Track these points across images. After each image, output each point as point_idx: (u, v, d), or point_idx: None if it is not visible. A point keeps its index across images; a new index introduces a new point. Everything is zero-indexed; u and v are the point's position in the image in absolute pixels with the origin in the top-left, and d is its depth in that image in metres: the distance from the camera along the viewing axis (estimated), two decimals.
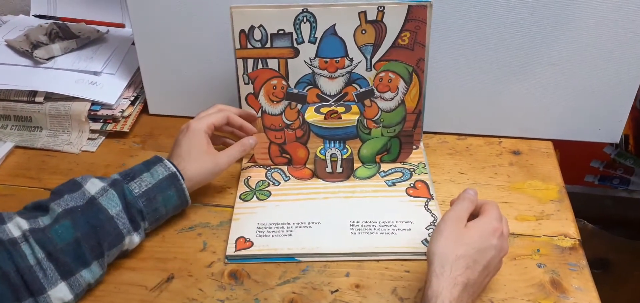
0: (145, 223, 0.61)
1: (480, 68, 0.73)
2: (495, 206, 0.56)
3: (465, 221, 0.54)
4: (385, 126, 0.72)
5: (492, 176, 0.72)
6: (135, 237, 0.60)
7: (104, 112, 0.79)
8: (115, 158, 0.76)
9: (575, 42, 0.69)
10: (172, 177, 0.62)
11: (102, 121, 0.79)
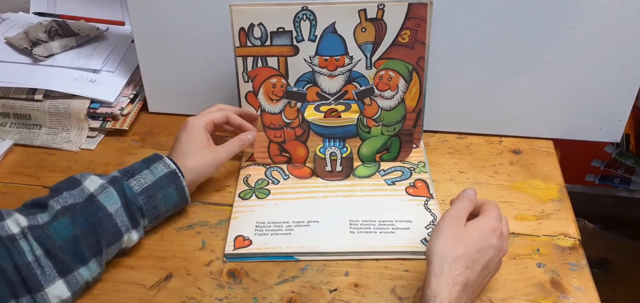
0: (145, 221, 0.61)
1: (481, 67, 0.73)
2: (495, 205, 0.55)
3: (465, 220, 0.54)
4: (385, 124, 0.72)
5: (492, 175, 0.72)
6: (134, 235, 0.60)
7: (103, 110, 0.78)
8: (115, 156, 0.76)
9: (576, 41, 0.69)
10: (172, 174, 0.62)
11: (101, 119, 0.79)
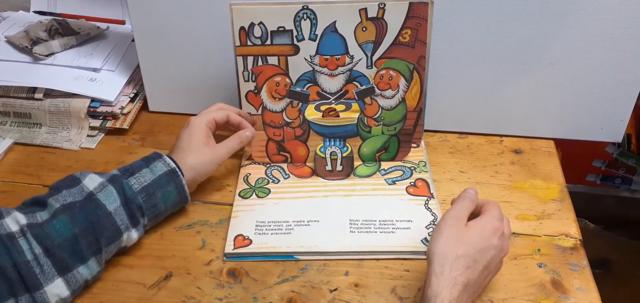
0: (145, 220, 0.61)
1: (482, 66, 0.72)
2: (496, 205, 0.55)
3: (466, 220, 0.53)
4: (386, 124, 0.71)
5: (493, 175, 0.72)
6: (134, 233, 0.60)
7: (104, 109, 0.78)
8: (115, 155, 0.76)
9: (578, 40, 0.69)
10: (171, 173, 0.62)
11: (101, 117, 0.79)
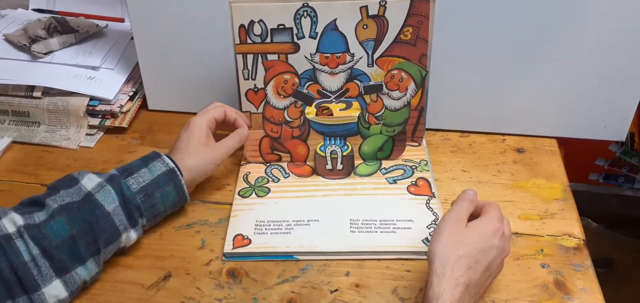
0: (143, 220, 0.60)
1: (484, 64, 0.72)
2: (497, 206, 0.55)
3: (466, 221, 0.53)
4: (386, 124, 0.71)
5: (495, 174, 0.71)
6: (132, 234, 0.59)
7: (103, 107, 0.78)
8: (114, 154, 0.76)
9: (581, 38, 0.68)
10: (170, 173, 0.61)
11: (100, 116, 0.78)
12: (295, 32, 0.66)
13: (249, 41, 0.67)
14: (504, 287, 0.57)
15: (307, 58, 0.68)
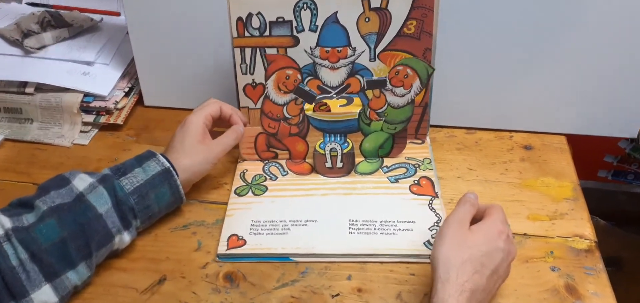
0: (137, 222, 0.58)
1: (490, 58, 0.69)
2: (500, 209, 0.53)
3: (468, 224, 0.51)
4: (388, 121, 0.68)
5: (502, 172, 0.69)
6: (126, 236, 0.57)
7: (97, 104, 0.76)
8: (108, 152, 0.74)
9: (591, 32, 0.66)
10: (165, 173, 0.59)
11: (94, 113, 0.76)
12: (295, 25, 0.64)
13: (247, 34, 0.65)
14: (512, 292, 0.55)
15: (307, 52, 0.65)
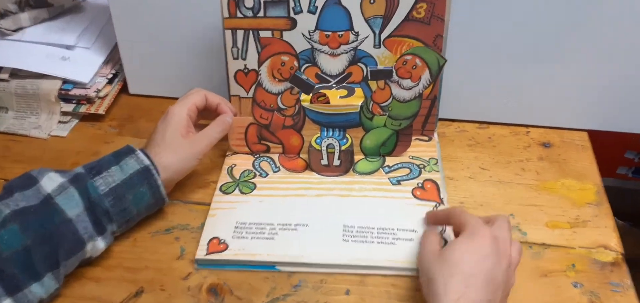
0: (113, 226, 0.53)
1: (506, 46, 0.64)
2: (474, 217, 0.49)
3: (439, 247, 0.49)
4: (392, 116, 0.62)
5: (518, 172, 0.63)
6: (100, 242, 0.52)
7: (77, 91, 0.71)
8: (88, 145, 0.68)
9: (611, 22, 0.62)
10: (144, 171, 0.53)
11: (74, 101, 0.72)
12: (292, 5, 0.59)
13: (239, 14, 0.59)
14: None
15: (304, 36, 0.60)
